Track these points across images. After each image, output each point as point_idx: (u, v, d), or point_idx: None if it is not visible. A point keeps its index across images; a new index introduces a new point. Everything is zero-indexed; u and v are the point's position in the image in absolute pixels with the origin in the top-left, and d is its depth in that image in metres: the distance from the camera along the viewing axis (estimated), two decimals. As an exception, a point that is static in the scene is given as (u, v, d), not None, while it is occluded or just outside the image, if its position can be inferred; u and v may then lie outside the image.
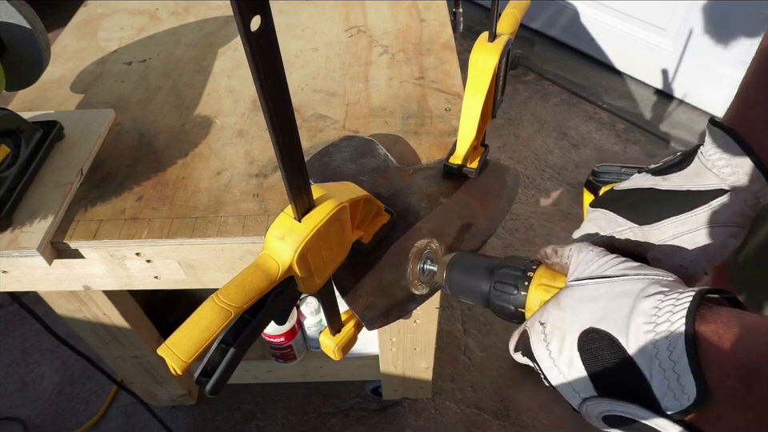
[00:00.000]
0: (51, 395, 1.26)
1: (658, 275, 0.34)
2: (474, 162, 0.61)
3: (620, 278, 0.35)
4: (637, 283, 0.33)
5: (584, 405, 0.34)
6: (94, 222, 0.63)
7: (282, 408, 1.22)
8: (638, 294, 0.32)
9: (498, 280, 0.42)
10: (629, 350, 0.31)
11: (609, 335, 0.32)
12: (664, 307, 0.31)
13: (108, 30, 0.93)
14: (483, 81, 0.53)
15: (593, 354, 0.33)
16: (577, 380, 0.34)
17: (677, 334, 0.29)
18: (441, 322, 1.35)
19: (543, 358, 0.36)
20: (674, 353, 0.29)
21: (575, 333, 0.34)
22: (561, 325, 0.35)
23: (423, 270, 0.47)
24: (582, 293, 0.35)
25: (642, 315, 0.31)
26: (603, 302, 0.34)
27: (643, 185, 0.47)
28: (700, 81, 1.74)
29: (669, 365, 0.29)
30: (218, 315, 0.37)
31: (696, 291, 0.31)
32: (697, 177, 0.44)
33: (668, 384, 0.29)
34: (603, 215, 0.48)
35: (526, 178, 1.65)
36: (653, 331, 0.30)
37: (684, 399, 0.29)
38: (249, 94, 0.79)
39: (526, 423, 1.18)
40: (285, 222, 0.41)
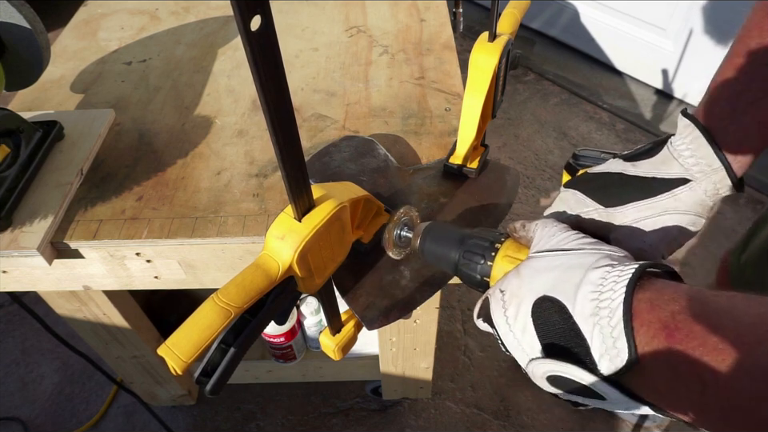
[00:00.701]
0: (51, 395, 1.26)
1: (612, 251, 0.36)
2: (474, 162, 0.61)
3: (576, 252, 0.37)
4: (590, 256, 0.36)
5: (530, 364, 0.36)
6: (94, 222, 0.63)
7: (282, 408, 1.22)
8: (589, 266, 0.35)
9: (467, 249, 0.44)
10: (574, 316, 0.33)
11: (559, 302, 0.34)
12: (609, 278, 0.33)
13: (108, 29, 0.93)
14: (483, 81, 0.53)
15: (544, 319, 0.35)
16: (528, 344, 0.37)
17: (617, 302, 0.31)
18: (441, 322, 1.35)
19: (501, 323, 0.39)
20: (612, 319, 0.31)
21: (530, 300, 0.36)
22: (518, 292, 0.38)
23: (400, 236, 0.50)
24: (540, 263, 0.38)
25: (589, 284, 0.33)
26: (557, 272, 0.36)
27: (613, 169, 0.49)
28: (700, 81, 1.74)
29: (608, 330, 0.31)
30: (218, 315, 0.37)
31: (639, 264, 0.33)
32: (663, 165, 0.46)
33: (605, 348, 0.32)
34: (573, 195, 0.50)
35: (525, 178, 1.65)
36: (597, 299, 0.32)
37: (618, 361, 0.31)
38: (249, 94, 0.79)
39: (526, 423, 1.19)
40: (285, 222, 0.41)
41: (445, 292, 1.40)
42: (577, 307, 0.33)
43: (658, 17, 1.74)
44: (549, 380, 0.36)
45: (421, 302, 0.52)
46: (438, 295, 0.77)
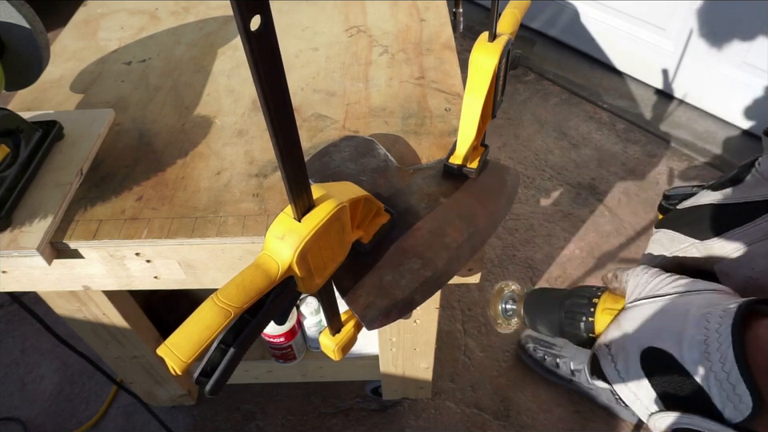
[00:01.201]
0: (51, 395, 1.26)
1: (709, 288, 0.35)
2: (474, 162, 0.61)
3: (672, 296, 0.36)
4: (689, 297, 0.35)
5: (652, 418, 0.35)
6: (93, 222, 0.63)
7: (282, 408, 1.22)
8: (688, 310, 0.33)
9: (567, 310, 0.45)
10: (685, 364, 0.32)
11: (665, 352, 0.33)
12: (712, 320, 0.31)
13: (108, 29, 0.93)
14: (483, 81, 0.53)
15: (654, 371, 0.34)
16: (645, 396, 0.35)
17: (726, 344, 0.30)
18: (441, 322, 1.35)
19: (614, 378, 0.38)
20: (725, 364, 0.30)
21: (636, 351, 0.35)
22: (623, 345, 0.37)
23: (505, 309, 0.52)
24: (639, 312, 0.37)
25: (692, 329, 0.32)
26: (657, 319, 0.35)
27: (702, 201, 0.48)
28: (700, 81, 1.74)
29: (723, 376, 0.30)
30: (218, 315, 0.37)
31: (741, 302, 0.31)
32: (754, 190, 0.45)
33: (726, 395, 0.30)
34: (664, 235, 0.49)
35: (526, 178, 1.65)
36: (704, 344, 0.31)
37: (743, 408, 0.29)
38: (249, 94, 0.79)
39: (526, 423, 1.18)
40: (285, 222, 0.41)
41: (445, 292, 1.40)
42: (685, 355, 0.32)
43: (658, 17, 1.74)
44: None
45: (421, 301, 0.52)
46: (438, 295, 0.77)
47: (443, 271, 0.54)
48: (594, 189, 1.61)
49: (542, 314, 0.47)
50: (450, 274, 0.55)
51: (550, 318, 0.46)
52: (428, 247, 0.55)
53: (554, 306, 0.46)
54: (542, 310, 0.47)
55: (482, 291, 1.40)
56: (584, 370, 1.18)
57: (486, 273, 1.44)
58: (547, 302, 0.47)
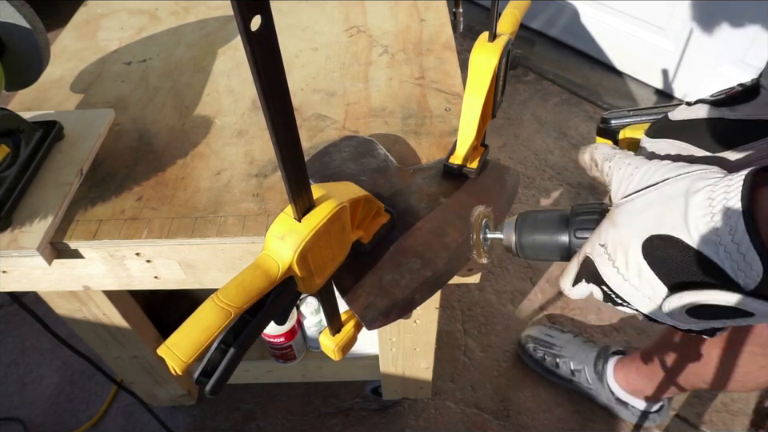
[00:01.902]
0: (51, 395, 1.26)
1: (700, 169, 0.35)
2: (473, 162, 0.61)
3: (664, 182, 0.35)
4: (682, 182, 0.34)
5: (665, 303, 0.34)
6: (93, 222, 0.63)
7: (282, 408, 1.22)
8: (687, 192, 0.33)
9: (577, 227, 0.41)
10: (694, 244, 0.32)
11: (670, 237, 0.33)
12: (716, 196, 0.31)
13: (108, 30, 0.93)
14: (483, 81, 0.53)
15: (660, 258, 0.34)
16: (648, 287, 0.35)
17: (735, 216, 0.30)
18: (441, 322, 1.35)
19: (612, 275, 0.37)
20: (735, 235, 0.30)
21: (637, 244, 0.35)
22: (621, 240, 0.36)
23: (486, 239, 0.48)
24: (633, 206, 0.36)
25: (697, 209, 0.32)
26: (655, 208, 0.35)
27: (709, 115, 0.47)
28: (700, 81, 1.74)
29: (733, 247, 0.30)
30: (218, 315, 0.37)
31: (746, 173, 0.31)
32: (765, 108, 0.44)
33: (737, 265, 0.30)
34: (671, 144, 0.48)
35: (526, 178, 1.65)
36: (711, 221, 0.31)
37: (754, 275, 0.30)
38: (249, 94, 0.79)
39: (526, 423, 1.18)
40: (285, 222, 0.41)
41: (445, 292, 1.40)
42: (693, 235, 0.32)
43: (658, 17, 1.74)
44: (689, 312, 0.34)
45: (421, 301, 0.52)
46: (438, 295, 0.77)
47: (443, 271, 0.54)
48: (594, 189, 1.61)
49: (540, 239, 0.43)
50: (450, 274, 0.55)
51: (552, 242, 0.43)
52: (428, 247, 0.55)
53: (557, 227, 0.42)
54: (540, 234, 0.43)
55: (482, 291, 1.40)
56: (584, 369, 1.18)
57: (486, 273, 1.44)
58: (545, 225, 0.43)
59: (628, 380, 1.12)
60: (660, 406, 1.15)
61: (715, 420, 1.17)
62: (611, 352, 1.18)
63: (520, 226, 0.45)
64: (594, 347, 1.21)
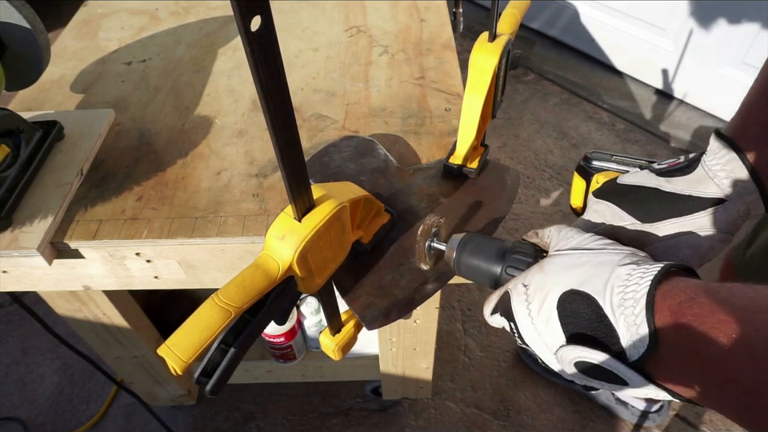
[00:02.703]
0: (51, 395, 1.26)
1: (632, 251, 0.39)
2: (473, 162, 0.61)
3: (600, 251, 0.40)
4: (615, 255, 0.38)
5: (560, 350, 0.38)
6: (93, 222, 0.63)
7: (282, 408, 1.22)
8: (616, 263, 0.37)
9: (510, 264, 0.44)
10: (604, 308, 0.36)
11: (588, 296, 0.37)
12: (635, 274, 0.36)
13: (108, 29, 0.93)
14: (483, 81, 0.53)
15: (571, 310, 0.37)
16: (551, 336, 0.39)
17: (641, 293, 0.34)
18: (441, 322, 1.35)
19: (522, 316, 0.41)
20: (636, 308, 0.34)
21: (556, 293, 0.38)
22: (543, 286, 0.39)
23: (431, 247, 0.50)
24: (565, 260, 0.40)
25: (617, 279, 0.36)
26: (585, 268, 0.38)
27: (647, 183, 0.50)
28: (700, 81, 1.74)
29: (632, 318, 0.34)
30: (218, 315, 0.37)
31: (663, 264, 0.36)
32: (699, 184, 0.48)
33: (630, 336, 0.34)
34: (608, 208, 0.51)
35: (526, 178, 1.65)
36: (623, 292, 0.35)
37: (641, 346, 0.34)
38: (249, 94, 0.79)
39: (526, 423, 1.19)
40: (285, 222, 0.41)
41: (445, 292, 1.40)
42: (606, 300, 0.36)
43: (658, 17, 1.74)
44: (576, 365, 0.38)
45: (421, 302, 0.52)
46: (438, 295, 0.77)
47: (443, 271, 0.54)
48: (594, 189, 1.61)
49: (476, 263, 0.46)
50: (450, 273, 0.55)
51: (485, 269, 0.46)
52: (428, 247, 0.55)
53: (493, 257, 0.46)
54: (477, 259, 0.46)
55: (482, 291, 1.40)
56: None
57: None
58: (484, 251, 0.46)
59: (628, 380, 1.12)
60: (660, 405, 1.15)
61: (715, 420, 1.17)
62: (611, 352, 1.18)
63: (462, 245, 0.47)
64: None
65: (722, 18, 1.59)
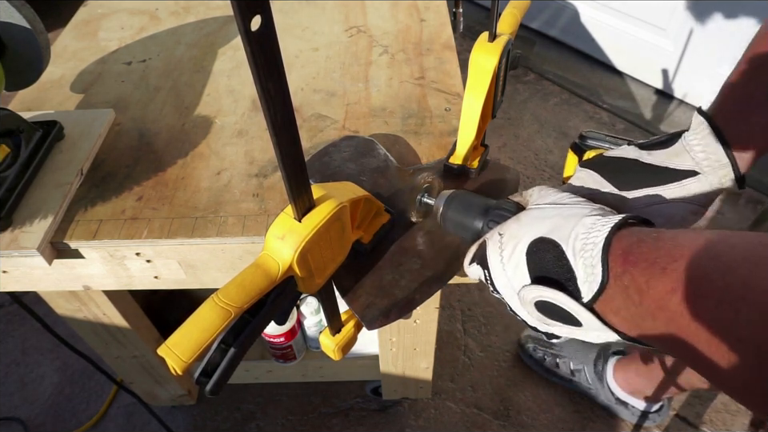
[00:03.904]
0: (51, 395, 1.26)
1: (601, 207, 0.42)
2: (474, 162, 0.61)
3: (572, 205, 0.42)
4: (584, 209, 0.41)
5: (523, 290, 0.41)
6: (93, 222, 0.63)
7: (282, 408, 1.22)
8: (583, 215, 0.40)
9: (491, 219, 0.47)
10: (566, 252, 0.38)
11: (554, 242, 0.39)
12: (598, 222, 0.38)
13: (108, 30, 0.93)
14: (483, 81, 0.53)
15: (538, 256, 0.40)
16: (518, 280, 0.42)
17: (600, 237, 0.37)
18: (441, 322, 1.35)
19: (494, 262, 0.43)
20: (593, 251, 0.37)
21: (527, 240, 0.41)
22: (516, 234, 0.42)
23: (421, 202, 0.54)
24: (539, 213, 0.43)
25: (582, 227, 0.39)
26: (556, 219, 0.41)
27: (629, 155, 0.53)
28: (700, 81, 1.74)
29: (589, 261, 0.37)
30: (218, 315, 0.37)
31: (624, 215, 0.39)
32: (676, 157, 0.50)
33: (586, 275, 0.37)
34: (589, 175, 0.54)
35: (526, 178, 1.65)
36: (586, 238, 0.38)
37: (594, 285, 0.36)
38: (249, 94, 0.79)
39: (526, 423, 1.19)
40: (285, 222, 0.41)
41: (445, 292, 1.40)
42: (569, 245, 0.38)
43: (657, 17, 1.74)
44: (536, 305, 0.41)
45: (421, 302, 0.52)
46: (438, 295, 0.77)
47: (443, 271, 0.54)
48: (594, 189, 1.61)
49: (460, 217, 0.49)
50: (450, 273, 0.55)
51: (468, 223, 0.49)
52: (428, 247, 0.55)
53: (476, 212, 0.48)
54: (461, 214, 0.49)
55: (482, 291, 1.40)
56: (584, 369, 1.18)
57: (486, 273, 1.44)
58: (468, 206, 0.49)
59: (628, 380, 1.12)
60: (660, 405, 1.15)
61: (715, 420, 1.17)
62: (611, 352, 1.18)
63: (449, 201, 0.51)
64: (594, 347, 1.21)
65: (722, 18, 1.59)
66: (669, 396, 1.10)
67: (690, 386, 1.00)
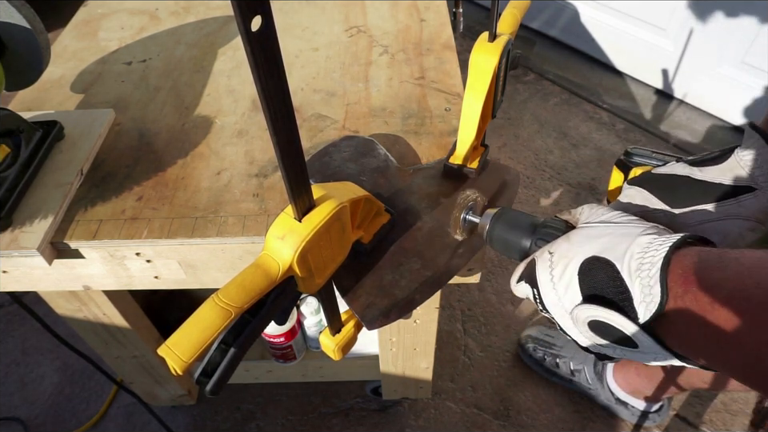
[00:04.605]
0: (51, 395, 1.26)
1: (656, 225, 0.40)
2: (474, 162, 0.61)
3: (625, 224, 0.41)
4: (638, 228, 0.40)
5: (576, 309, 0.40)
6: (94, 222, 0.63)
7: (282, 408, 1.22)
8: (637, 234, 0.39)
9: (540, 237, 0.46)
10: (621, 272, 0.37)
11: (608, 261, 0.38)
12: (655, 242, 0.37)
13: (108, 30, 0.93)
14: (483, 81, 0.53)
15: (591, 276, 0.39)
16: (569, 300, 0.40)
17: (658, 258, 0.36)
18: (441, 322, 1.35)
19: (545, 281, 0.42)
20: (651, 271, 0.35)
21: (579, 260, 0.40)
22: (567, 254, 0.41)
23: (465, 219, 0.52)
24: (591, 231, 0.42)
25: (638, 246, 0.37)
26: (609, 237, 0.40)
27: (679, 172, 0.52)
28: (700, 81, 1.74)
29: (647, 281, 0.36)
30: (218, 315, 0.37)
31: (683, 234, 0.37)
32: (730, 172, 0.49)
33: (643, 296, 0.36)
34: (638, 193, 0.52)
35: (525, 178, 1.65)
36: (642, 258, 0.37)
37: (652, 306, 0.35)
38: (249, 94, 0.79)
39: (526, 423, 1.19)
40: (285, 222, 0.41)
41: (445, 292, 1.40)
42: (624, 265, 0.37)
43: (658, 17, 1.74)
44: (590, 325, 0.39)
45: (421, 301, 0.52)
46: (438, 295, 0.77)
47: (443, 271, 0.54)
48: (594, 189, 1.61)
49: (507, 236, 0.48)
50: (450, 273, 0.55)
51: (516, 242, 0.48)
52: (428, 247, 0.55)
53: (524, 231, 0.47)
54: (508, 233, 0.48)
55: (482, 291, 1.40)
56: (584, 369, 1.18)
57: (486, 273, 1.44)
58: (516, 225, 0.48)
59: (628, 380, 1.12)
60: (660, 405, 1.15)
61: (715, 420, 1.17)
62: (611, 352, 1.18)
63: (496, 219, 0.49)
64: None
65: (722, 18, 1.59)
66: (669, 396, 1.10)
67: (690, 386, 1.00)
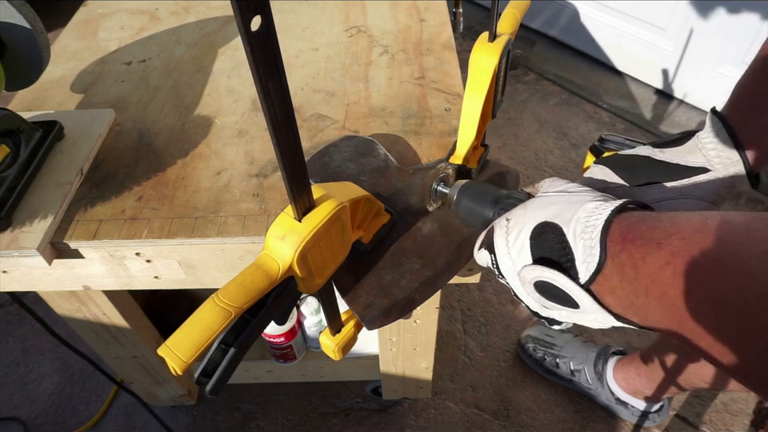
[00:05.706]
0: (51, 395, 1.26)
1: (606, 195, 0.42)
2: (473, 162, 0.61)
3: (578, 193, 0.43)
4: (588, 195, 0.42)
5: (523, 270, 0.42)
6: (93, 222, 0.63)
7: (282, 408, 1.22)
8: (586, 201, 0.40)
9: (501, 207, 0.49)
10: (567, 235, 0.39)
11: (556, 225, 0.40)
12: (600, 207, 0.39)
13: (108, 29, 0.93)
14: (483, 81, 0.53)
15: (541, 239, 0.41)
16: (521, 263, 0.42)
17: (601, 221, 0.37)
18: (441, 322, 1.35)
19: (500, 245, 0.45)
20: (593, 232, 0.37)
21: (531, 225, 0.42)
22: (522, 219, 0.43)
23: (436, 190, 0.55)
24: (546, 199, 0.44)
25: (584, 212, 0.39)
26: (561, 204, 0.42)
27: (641, 153, 0.54)
28: (700, 81, 1.74)
29: (588, 242, 0.37)
30: (218, 315, 0.37)
31: (625, 200, 0.39)
32: (688, 154, 0.51)
33: (584, 257, 0.38)
34: (601, 170, 0.55)
35: (526, 178, 1.65)
36: (587, 221, 0.38)
37: (591, 266, 0.37)
38: (249, 94, 0.79)
39: (526, 423, 1.19)
40: (285, 222, 0.41)
41: (445, 292, 1.40)
42: (570, 228, 0.39)
43: (658, 17, 1.74)
44: (536, 286, 0.41)
45: (421, 301, 0.52)
46: (438, 295, 0.77)
47: (443, 271, 0.54)
48: (594, 189, 1.61)
49: (473, 206, 0.51)
50: (450, 273, 0.55)
51: (480, 211, 0.50)
52: (428, 247, 0.55)
53: (488, 201, 0.50)
54: (474, 202, 0.51)
55: (482, 291, 1.40)
56: (584, 369, 1.18)
57: (485, 273, 1.44)
58: (481, 196, 0.51)
59: (628, 380, 1.12)
60: (660, 405, 1.15)
61: (715, 420, 1.17)
62: (611, 352, 1.18)
63: (463, 190, 0.52)
64: (594, 347, 1.21)
65: (722, 18, 1.59)
66: (669, 396, 1.10)
67: (690, 386, 1.00)
